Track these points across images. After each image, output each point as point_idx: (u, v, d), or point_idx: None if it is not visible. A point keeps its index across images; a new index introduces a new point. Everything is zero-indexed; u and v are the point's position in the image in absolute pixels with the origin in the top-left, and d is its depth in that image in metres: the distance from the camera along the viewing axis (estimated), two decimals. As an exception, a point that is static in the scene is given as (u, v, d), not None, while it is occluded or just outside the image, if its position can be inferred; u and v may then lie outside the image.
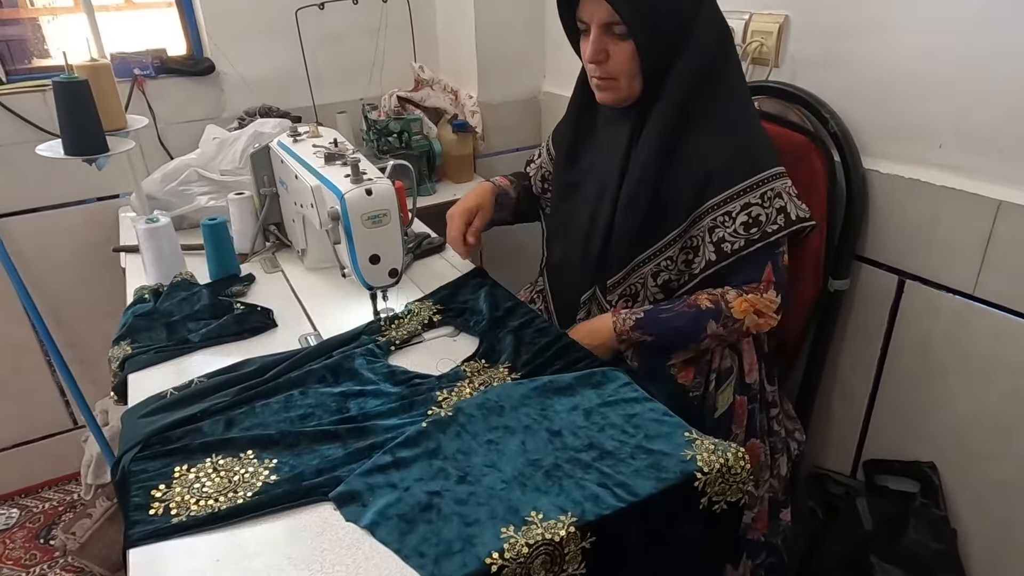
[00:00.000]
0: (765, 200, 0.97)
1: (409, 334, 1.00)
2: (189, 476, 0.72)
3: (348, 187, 0.93)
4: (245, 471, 0.73)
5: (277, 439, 0.77)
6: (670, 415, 0.79)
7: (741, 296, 0.99)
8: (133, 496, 0.70)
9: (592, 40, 0.96)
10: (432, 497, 0.67)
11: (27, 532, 1.81)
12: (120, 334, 1.04)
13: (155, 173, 1.45)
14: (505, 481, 0.69)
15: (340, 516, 0.67)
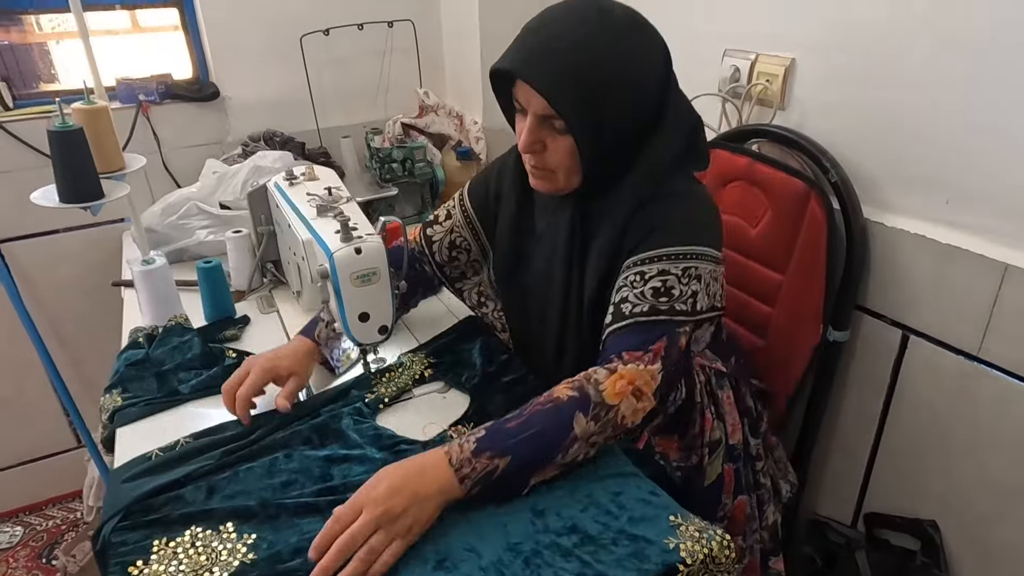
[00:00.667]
0: (684, 276, 0.84)
1: (399, 390, 0.99)
2: (167, 551, 0.71)
3: (337, 245, 0.92)
4: (223, 547, 0.72)
5: (257, 511, 0.76)
6: (657, 494, 0.77)
7: (615, 373, 0.78)
8: (111, 572, 0.70)
9: (528, 129, 0.85)
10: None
11: (30, 551, 1.83)
12: (112, 382, 1.03)
13: (155, 205, 1.45)
14: (483, 568, 0.68)
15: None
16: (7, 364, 1.79)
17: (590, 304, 0.92)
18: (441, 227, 1.12)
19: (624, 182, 0.88)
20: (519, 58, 0.82)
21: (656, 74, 0.85)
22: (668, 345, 0.82)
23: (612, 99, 0.81)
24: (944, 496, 1.14)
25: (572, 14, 0.82)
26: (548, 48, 0.81)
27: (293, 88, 1.84)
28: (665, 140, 0.87)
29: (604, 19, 0.81)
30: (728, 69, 1.33)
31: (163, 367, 1.06)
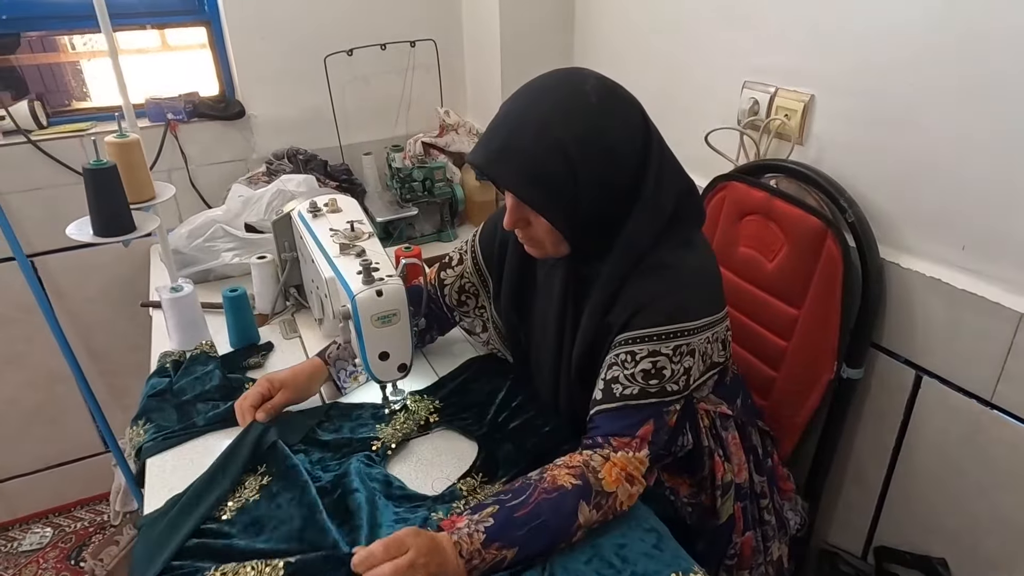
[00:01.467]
0: (675, 354, 0.85)
1: (404, 437, 1.02)
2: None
3: (359, 287, 0.94)
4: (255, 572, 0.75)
5: (280, 553, 0.78)
6: (661, 547, 0.79)
7: (609, 461, 0.82)
8: None
9: (508, 210, 0.87)
10: None
11: (59, 552, 1.90)
12: (137, 413, 1.08)
13: (182, 227, 1.49)
14: None
15: None
16: (41, 372, 1.86)
17: (578, 363, 0.93)
18: (453, 271, 1.14)
19: (611, 253, 0.87)
20: (483, 155, 0.84)
21: (633, 147, 0.84)
22: (655, 428, 0.85)
23: (583, 182, 0.81)
24: (955, 534, 1.15)
25: (541, 100, 0.82)
26: (510, 145, 0.81)
27: (316, 106, 1.88)
28: (647, 214, 0.85)
29: (573, 101, 0.80)
30: (747, 101, 1.34)
31: (183, 397, 1.09)
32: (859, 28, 1.11)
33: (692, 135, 1.51)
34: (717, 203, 1.34)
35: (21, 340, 1.81)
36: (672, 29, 1.53)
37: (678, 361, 0.85)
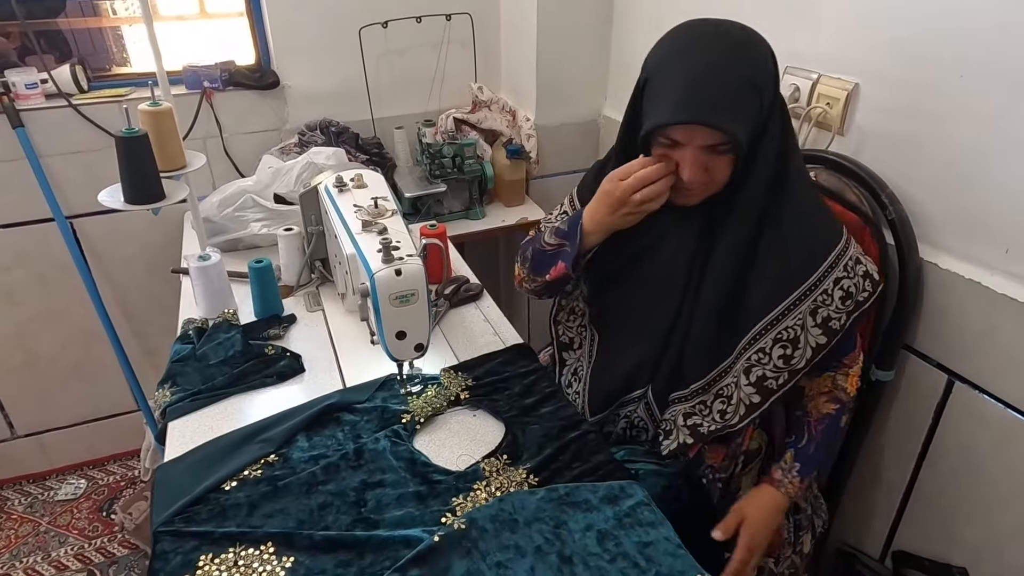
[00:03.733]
0: (849, 269, 0.96)
1: (434, 411, 1.03)
2: (212, 568, 0.77)
3: (379, 266, 0.94)
4: (264, 568, 0.77)
5: (295, 539, 0.80)
6: (683, 548, 0.78)
7: (847, 375, 1.07)
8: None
9: (694, 162, 0.90)
10: None
11: (92, 503, 1.98)
12: (163, 377, 1.10)
13: (214, 196, 1.51)
14: None
15: None
16: (78, 331, 1.92)
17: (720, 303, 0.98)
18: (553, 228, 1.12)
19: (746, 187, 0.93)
20: (697, 109, 0.85)
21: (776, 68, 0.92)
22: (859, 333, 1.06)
23: (768, 107, 0.89)
24: (977, 544, 1.12)
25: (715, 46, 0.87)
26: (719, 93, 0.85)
27: (350, 78, 1.87)
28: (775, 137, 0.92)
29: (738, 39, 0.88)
30: (788, 88, 1.29)
31: (207, 362, 1.12)
32: (909, 14, 1.06)
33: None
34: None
35: (60, 299, 1.86)
36: (713, 10, 1.48)
37: (854, 273, 0.97)
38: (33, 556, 1.81)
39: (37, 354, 1.91)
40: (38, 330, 1.88)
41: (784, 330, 0.96)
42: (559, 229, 1.05)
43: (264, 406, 1.04)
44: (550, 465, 0.92)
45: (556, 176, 2.02)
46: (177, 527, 0.82)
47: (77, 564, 1.79)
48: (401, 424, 0.99)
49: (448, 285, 1.34)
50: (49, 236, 1.77)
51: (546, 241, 1.07)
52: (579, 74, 1.89)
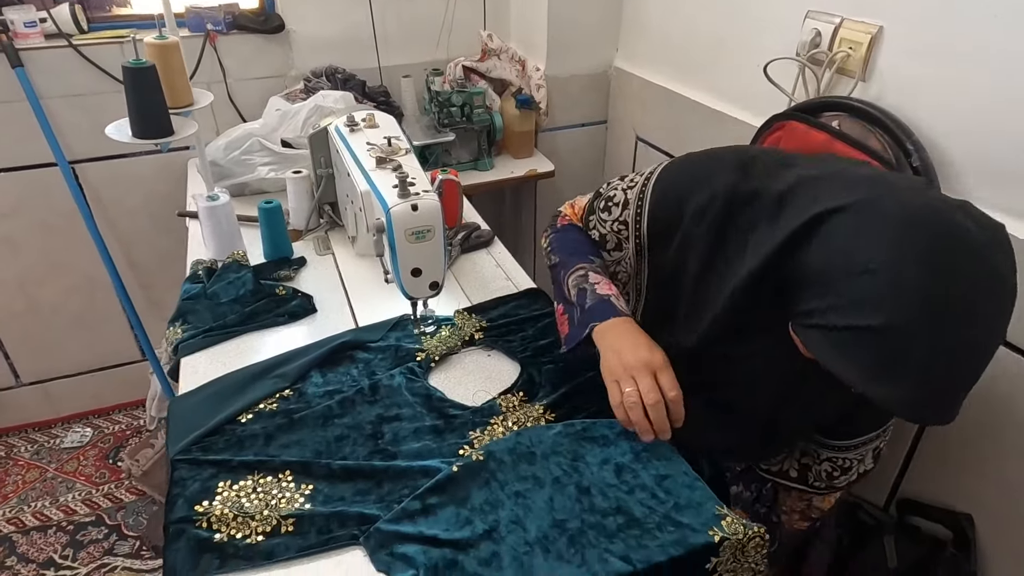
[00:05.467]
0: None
1: (448, 350, 1.02)
2: (231, 493, 0.77)
3: (395, 200, 0.93)
4: (283, 495, 0.77)
5: (313, 468, 0.80)
6: (700, 480, 0.78)
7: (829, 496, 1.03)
8: (176, 511, 0.75)
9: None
10: (457, 553, 0.69)
11: (98, 451, 1.99)
12: (174, 316, 1.09)
13: (220, 139, 1.48)
14: (529, 543, 0.70)
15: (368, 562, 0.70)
16: (81, 279, 1.90)
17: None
18: (609, 216, 0.94)
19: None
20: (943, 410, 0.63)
21: None
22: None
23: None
24: (984, 492, 1.13)
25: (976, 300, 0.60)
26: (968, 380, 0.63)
27: (356, 24, 1.83)
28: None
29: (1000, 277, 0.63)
30: (809, 33, 1.26)
31: (218, 301, 1.11)
32: (942, -49, 1.03)
33: (747, 67, 1.44)
34: (772, 143, 1.28)
35: (63, 247, 1.84)
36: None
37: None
38: (41, 501, 1.82)
39: (40, 302, 1.90)
40: (41, 278, 1.87)
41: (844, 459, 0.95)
42: (581, 290, 0.89)
43: (276, 344, 1.04)
44: (566, 403, 0.92)
45: (565, 129, 1.99)
46: (195, 455, 0.82)
47: (85, 509, 1.80)
48: (416, 362, 0.99)
49: (460, 231, 1.33)
50: (50, 182, 1.74)
51: (568, 284, 0.92)
52: (590, 24, 1.84)
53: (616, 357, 0.81)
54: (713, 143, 1.59)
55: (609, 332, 0.84)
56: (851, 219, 0.63)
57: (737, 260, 0.76)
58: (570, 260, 0.94)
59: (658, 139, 1.82)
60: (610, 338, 0.83)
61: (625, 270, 0.96)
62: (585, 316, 0.87)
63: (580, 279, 0.90)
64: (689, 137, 1.69)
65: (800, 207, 0.69)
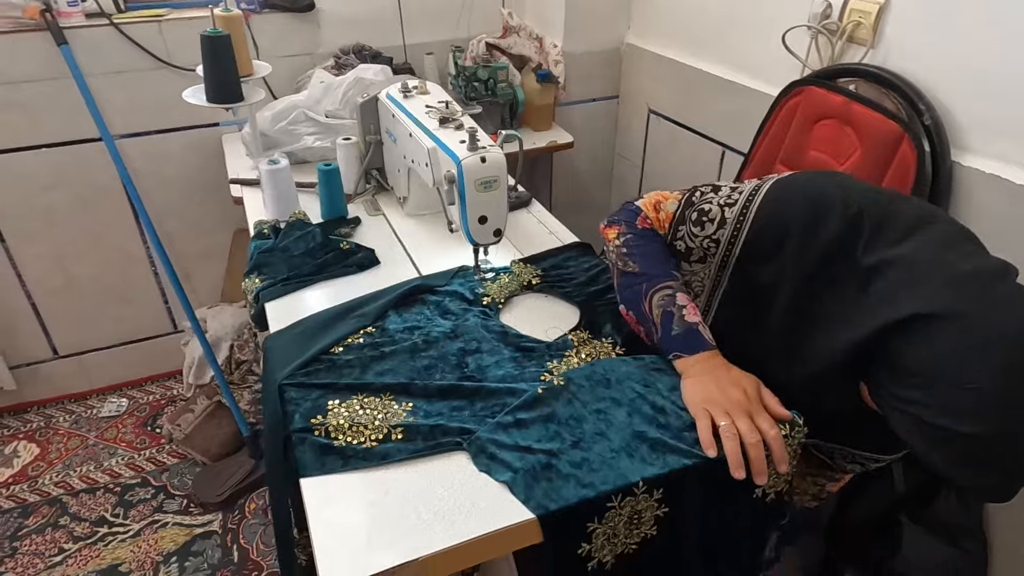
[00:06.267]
0: None
1: (510, 294, 1.12)
2: (340, 410, 0.86)
3: (465, 154, 1.02)
4: (387, 411, 0.86)
5: (410, 389, 0.90)
6: None
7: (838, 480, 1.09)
8: (295, 423, 0.84)
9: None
10: (550, 458, 0.79)
11: (136, 420, 2.06)
12: (249, 268, 1.18)
13: (265, 111, 1.56)
14: (614, 451, 0.80)
15: (472, 466, 0.80)
16: (117, 253, 1.97)
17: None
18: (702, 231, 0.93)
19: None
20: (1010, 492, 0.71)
21: None
22: None
23: None
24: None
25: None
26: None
27: (382, 5, 1.91)
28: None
29: None
30: (820, 5, 1.37)
31: (291, 254, 1.20)
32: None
33: (758, 38, 1.55)
34: (790, 109, 1.39)
35: (99, 221, 1.91)
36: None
37: None
38: (86, 466, 1.89)
39: (77, 276, 1.96)
40: (78, 252, 1.93)
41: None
42: (667, 313, 0.90)
43: (347, 291, 1.12)
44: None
45: (580, 104, 2.09)
46: (300, 380, 0.91)
47: (130, 472, 1.88)
48: (484, 306, 1.08)
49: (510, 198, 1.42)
50: (88, 156, 1.81)
51: (652, 302, 0.92)
52: (604, 2, 1.94)
53: (704, 391, 0.84)
54: (727, 112, 1.71)
55: (697, 365, 0.87)
56: (961, 334, 0.67)
57: (835, 317, 0.80)
58: (653, 274, 0.93)
59: (671, 111, 1.93)
60: (698, 371, 0.87)
61: (700, 281, 0.98)
62: (669, 342, 0.89)
63: (667, 300, 0.90)
64: (702, 107, 1.80)
65: (894, 295, 0.73)
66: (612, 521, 0.78)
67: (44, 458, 1.92)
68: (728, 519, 0.86)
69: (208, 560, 1.64)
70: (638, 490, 0.77)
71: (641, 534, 0.81)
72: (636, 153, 2.12)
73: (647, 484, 0.77)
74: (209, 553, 1.65)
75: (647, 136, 2.05)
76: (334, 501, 0.75)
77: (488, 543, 0.71)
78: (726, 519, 0.86)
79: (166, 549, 1.66)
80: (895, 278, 0.75)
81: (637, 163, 2.12)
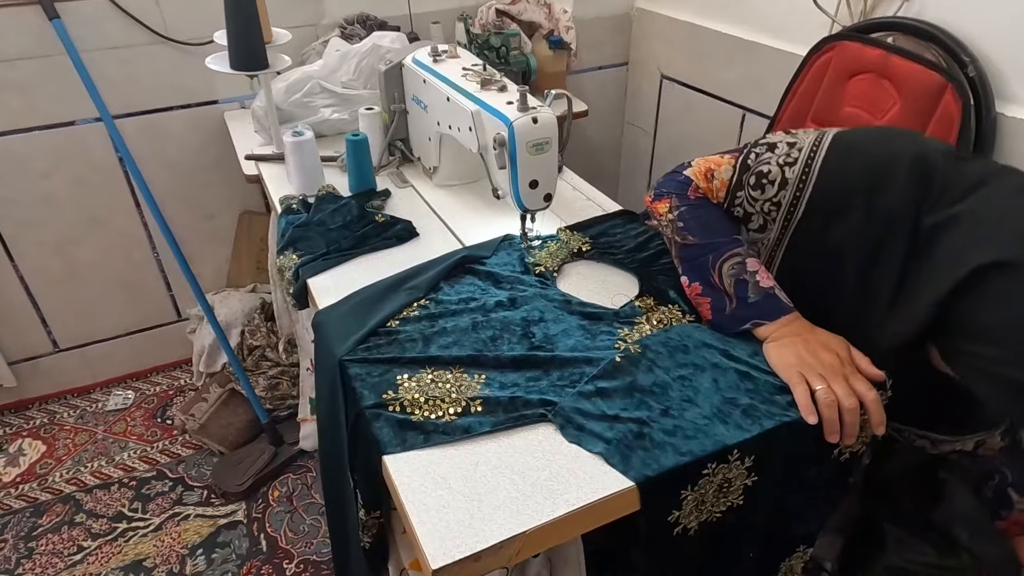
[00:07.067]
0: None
1: (562, 262, 1.08)
2: (411, 384, 0.82)
3: (515, 115, 0.98)
4: (460, 384, 0.83)
5: (481, 360, 0.86)
6: None
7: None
8: (366, 399, 0.80)
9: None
10: (641, 427, 0.76)
11: (144, 412, 1.99)
12: (283, 244, 1.13)
13: (278, 82, 1.49)
14: (706, 417, 0.78)
15: (559, 437, 0.76)
16: (117, 237, 1.89)
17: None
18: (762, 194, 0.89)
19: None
20: None
21: None
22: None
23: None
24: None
25: None
26: None
27: (387, -30, 1.84)
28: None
29: None
30: (852, -43, 1.34)
31: (327, 227, 1.14)
32: None
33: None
34: (821, 65, 1.36)
35: (99, 204, 1.82)
36: None
37: None
38: (96, 461, 1.83)
39: (78, 263, 1.88)
40: (79, 236, 1.85)
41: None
42: (741, 281, 0.87)
43: (390, 264, 1.08)
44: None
45: (589, 72, 2.04)
46: (362, 356, 0.87)
47: (144, 465, 1.82)
48: (536, 274, 1.04)
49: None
50: (86, 137, 1.73)
51: (722, 272, 0.89)
52: (614, -35, 1.90)
53: (795, 355, 0.81)
54: (747, 74, 1.68)
55: (781, 329, 0.85)
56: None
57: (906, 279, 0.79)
58: (717, 243, 0.90)
59: (685, 75, 1.90)
60: (783, 334, 0.84)
61: (762, 239, 0.94)
62: (745, 311, 0.87)
63: (737, 267, 0.87)
64: (719, 70, 1.77)
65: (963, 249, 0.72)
66: (703, 488, 0.75)
67: (52, 455, 1.85)
68: (806, 481, 0.85)
69: (236, 551, 1.59)
70: (732, 457, 0.75)
71: (728, 503, 0.79)
72: (648, 121, 2.08)
73: (740, 451, 0.75)
74: (236, 543, 1.61)
75: (660, 102, 2.01)
76: (424, 478, 0.72)
77: (592, 512, 0.69)
78: (805, 481, 0.85)
79: (191, 542, 1.61)
80: (963, 232, 0.73)
81: (649, 131, 2.09)
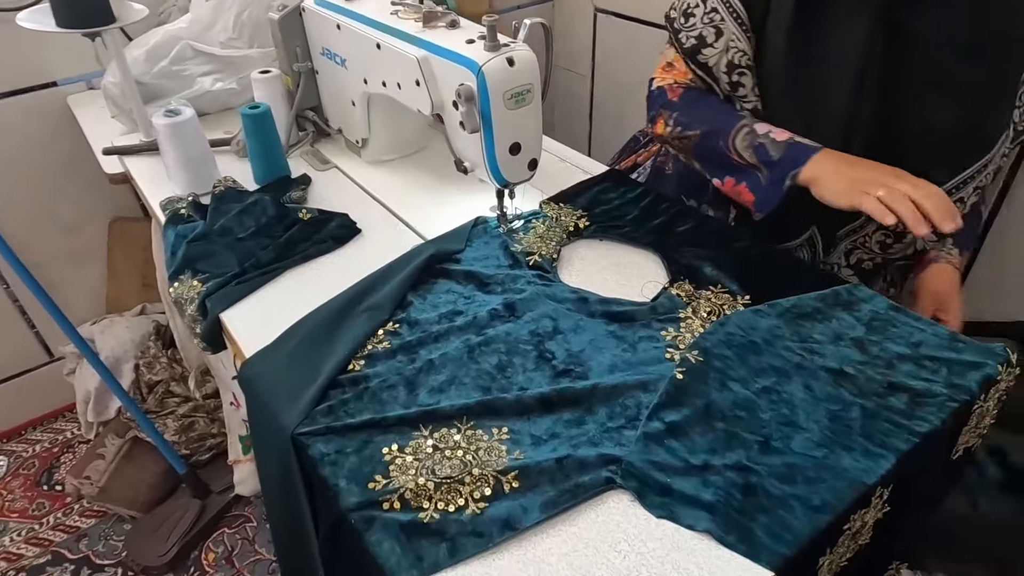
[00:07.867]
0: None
1: (559, 245, 0.83)
2: (407, 459, 0.57)
3: (484, 57, 0.72)
4: (477, 447, 0.58)
5: (495, 406, 0.61)
6: (961, 338, 0.67)
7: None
8: (347, 497, 0.54)
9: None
10: (746, 475, 0.55)
11: (23, 480, 1.61)
12: (177, 266, 0.82)
13: (135, 49, 1.13)
14: (820, 444, 0.57)
15: (639, 510, 0.54)
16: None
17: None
18: (715, 49, 0.85)
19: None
20: None
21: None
22: None
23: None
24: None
25: None
26: None
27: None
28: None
29: None
30: None
31: (236, 237, 0.85)
32: None
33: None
34: None
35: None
36: None
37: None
38: (-33, 555, 1.45)
39: None
40: None
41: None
42: (759, 147, 0.79)
43: (334, 277, 0.80)
44: (748, 281, 0.76)
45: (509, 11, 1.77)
46: (324, 423, 0.60)
47: (34, 549, 1.46)
48: (529, 267, 0.80)
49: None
50: None
51: (737, 148, 0.81)
52: None
53: (849, 177, 0.72)
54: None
55: (821, 163, 0.75)
56: None
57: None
58: (720, 123, 0.84)
59: (621, 5, 1.66)
60: (825, 165, 0.75)
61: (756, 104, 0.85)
62: (778, 170, 0.77)
63: (749, 136, 0.80)
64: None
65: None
66: (843, 546, 0.55)
67: (-95, 557, 1.46)
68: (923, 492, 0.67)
69: (173, 638, 1.30)
70: (875, 497, 0.55)
71: (856, 547, 0.60)
72: (583, 63, 1.84)
73: (882, 486, 0.55)
74: (171, 629, 1.31)
75: (595, 40, 1.78)
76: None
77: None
78: (921, 493, 0.67)
79: (112, 637, 1.30)
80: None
81: (586, 73, 1.85)
